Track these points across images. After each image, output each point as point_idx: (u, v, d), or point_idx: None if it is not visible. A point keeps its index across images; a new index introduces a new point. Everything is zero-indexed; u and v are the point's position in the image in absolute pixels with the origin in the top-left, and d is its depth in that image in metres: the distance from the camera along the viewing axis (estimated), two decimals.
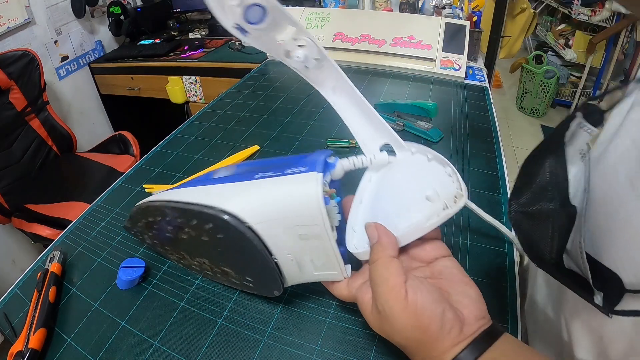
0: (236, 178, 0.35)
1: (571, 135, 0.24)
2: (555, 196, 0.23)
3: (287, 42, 0.34)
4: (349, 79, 0.36)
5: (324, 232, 0.30)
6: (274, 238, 0.32)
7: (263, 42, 0.34)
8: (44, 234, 1.21)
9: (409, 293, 0.26)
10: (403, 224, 0.32)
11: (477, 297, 0.28)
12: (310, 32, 1.05)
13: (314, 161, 0.33)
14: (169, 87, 1.69)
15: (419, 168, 0.35)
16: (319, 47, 0.35)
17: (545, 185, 0.24)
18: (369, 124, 0.38)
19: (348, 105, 0.38)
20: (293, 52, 0.34)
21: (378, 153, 0.38)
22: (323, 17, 1.01)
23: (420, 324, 0.26)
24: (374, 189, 0.38)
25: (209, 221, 0.33)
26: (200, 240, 0.35)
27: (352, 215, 0.36)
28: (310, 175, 0.31)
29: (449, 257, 0.32)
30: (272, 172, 0.33)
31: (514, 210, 0.27)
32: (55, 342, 0.37)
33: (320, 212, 0.30)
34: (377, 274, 0.28)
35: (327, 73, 0.37)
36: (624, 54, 2.42)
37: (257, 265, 0.33)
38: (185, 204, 0.35)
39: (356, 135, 0.38)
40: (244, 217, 0.32)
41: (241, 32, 0.32)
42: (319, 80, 0.37)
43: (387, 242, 0.30)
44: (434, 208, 0.32)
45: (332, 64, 0.36)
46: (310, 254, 0.32)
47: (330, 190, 0.33)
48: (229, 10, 0.31)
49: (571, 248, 0.24)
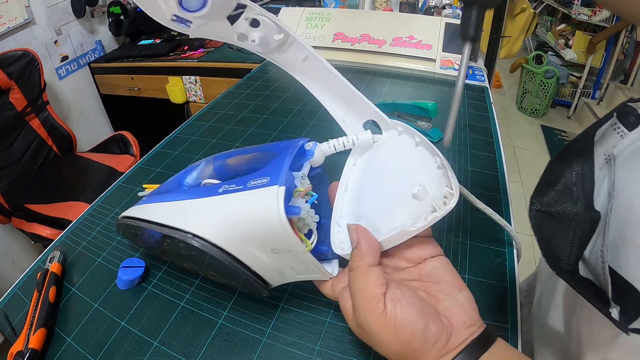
0: (202, 192, 0.33)
1: (601, 135, 0.22)
2: (580, 198, 0.22)
3: (239, 24, 0.30)
4: (319, 54, 0.33)
5: (295, 248, 0.28)
6: (247, 254, 0.30)
7: (210, 29, 0.31)
8: (44, 234, 1.21)
9: (388, 306, 0.25)
10: (387, 225, 0.30)
11: (467, 302, 0.26)
12: (309, 31, 1.03)
13: (278, 166, 0.30)
14: (169, 87, 1.69)
15: (406, 153, 0.32)
16: (279, 24, 0.31)
17: (571, 186, 0.22)
18: (348, 100, 0.34)
19: (321, 81, 0.34)
20: (248, 34, 0.31)
21: (361, 132, 0.34)
22: (323, 17, 1.01)
23: (400, 339, 0.24)
24: (359, 175, 0.35)
25: (179, 242, 0.32)
26: (180, 252, 0.34)
27: (337, 205, 0.34)
28: (271, 192, 0.28)
29: (439, 258, 0.30)
30: (236, 183, 0.31)
31: (535, 209, 0.25)
32: (55, 342, 0.37)
33: (286, 233, 0.27)
34: (355, 284, 0.27)
35: (293, 51, 0.33)
36: (624, 54, 2.42)
37: (236, 275, 0.32)
38: (156, 225, 0.33)
39: (335, 115, 0.35)
40: (211, 239, 0.30)
41: (182, 24, 0.30)
42: (288, 61, 0.34)
43: (366, 248, 0.28)
44: (421, 208, 0.29)
45: (297, 40, 0.32)
46: (288, 263, 0.30)
47: (304, 190, 0.31)
48: (161, 3, 0.28)
49: (590, 256, 0.23)
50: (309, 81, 0.35)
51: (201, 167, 0.42)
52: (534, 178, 0.25)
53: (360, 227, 0.29)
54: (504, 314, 0.37)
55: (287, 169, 0.30)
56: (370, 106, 0.33)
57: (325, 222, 0.35)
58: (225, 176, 0.42)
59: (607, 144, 0.22)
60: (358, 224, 0.30)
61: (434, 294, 0.27)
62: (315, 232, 0.32)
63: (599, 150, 0.23)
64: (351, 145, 0.34)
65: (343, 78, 0.33)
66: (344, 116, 0.35)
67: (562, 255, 0.23)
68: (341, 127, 0.36)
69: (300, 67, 0.35)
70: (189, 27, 0.30)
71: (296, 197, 0.31)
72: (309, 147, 0.33)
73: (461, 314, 0.25)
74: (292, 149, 0.32)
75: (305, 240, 0.31)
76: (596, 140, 0.22)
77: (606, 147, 0.23)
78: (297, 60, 0.34)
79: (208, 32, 0.31)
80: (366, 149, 0.35)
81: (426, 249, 0.30)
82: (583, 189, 0.22)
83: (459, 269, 0.41)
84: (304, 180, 0.32)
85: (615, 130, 0.22)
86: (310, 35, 1.00)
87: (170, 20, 0.29)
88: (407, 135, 0.33)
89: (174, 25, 0.30)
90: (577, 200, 0.22)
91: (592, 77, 2.59)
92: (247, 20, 0.31)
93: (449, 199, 0.27)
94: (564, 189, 0.23)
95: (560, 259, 0.23)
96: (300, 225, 0.31)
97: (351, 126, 0.35)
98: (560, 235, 0.23)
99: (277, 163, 0.30)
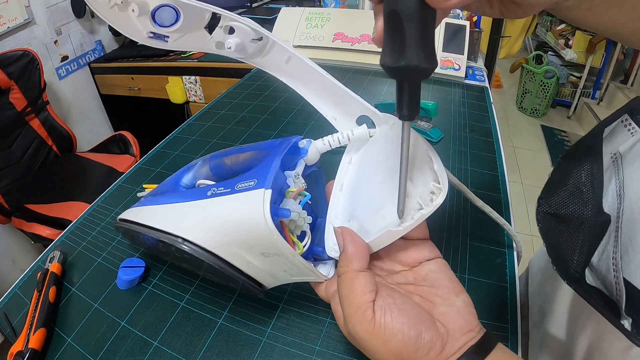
0: (193, 195, 0.33)
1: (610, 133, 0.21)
2: (590, 200, 0.21)
3: (216, 33, 0.30)
4: (301, 54, 0.32)
5: (285, 251, 0.27)
6: (238, 257, 0.30)
7: (188, 41, 0.31)
8: (44, 234, 1.21)
9: (377, 315, 0.23)
10: (377, 225, 0.29)
11: (465, 307, 0.25)
12: (309, 31, 1.03)
13: (266, 167, 0.29)
14: (169, 87, 1.69)
15: (395, 148, 0.31)
16: (256, 28, 0.30)
17: (581, 186, 0.21)
18: (337, 98, 0.33)
19: (307, 81, 0.34)
20: (224, 42, 0.31)
21: (356, 127, 0.34)
22: (323, 17, 1.01)
23: (390, 348, 0.23)
24: (354, 173, 0.34)
25: (171, 246, 0.31)
26: (176, 254, 0.34)
27: (331, 205, 0.33)
28: (256, 195, 0.27)
29: (436, 260, 0.28)
30: (224, 186, 0.30)
31: (542, 212, 0.23)
32: (55, 342, 0.37)
33: (273, 238, 0.26)
34: (342, 291, 0.26)
35: (275, 53, 0.33)
36: (624, 54, 2.42)
37: (230, 278, 0.31)
38: (149, 229, 0.33)
39: (325, 114, 0.35)
40: (200, 243, 0.30)
41: (160, 39, 0.30)
42: (271, 64, 0.34)
43: (352, 253, 0.27)
44: (409, 206, 0.28)
45: (277, 43, 0.32)
46: (280, 266, 0.30)
47: (297, 190, 0.30)
48: (137, 23, 0.28)
49: (599, 263, 0.22)
50: (295, 82, 0.35)
51: (197, 167, 0.42)
52: (534, 178, 0.24)
53: (347, 230, 0.28)
54: (504, 314, 0.37)
55: (276, 170, 0.29)
56: (360, 102, 0.33)
57: (322, 221, 0.34)
58: (222, 175, 0.42)
59: (615, 142, 0.21)
60: (344, 227, 0.29)
61: (429, 299, 0.26)
62: (309, 233, 0.31)
63: (607, 148, 0.22)
64: (347, 141, 0.33)
65: (329, 76, 0.32)
66: (334, 114, 0.35)
67: (570, 261, 0.22)
68: (333, 126, 0.36)
69: (285, 68, 0.34)
70: (167, 42, 0.30)
71: (288, 198, 0.30)
72: (302, 144, 0.33)
73: (458, 319, 0.24)
74: (282, 148, 0.31)
75: (297, 243, 0.30)
76: (604, 137, 0.21)
77: (614, 145, 0.22)
78: (281, 62, 0.34)
79: (187, 45, 0.31)
80: (362, 144, 0.35)
81: (422, 252, 0.29)
82: (593, 189, 0.21)
83: (458, 269, 0.41)
84: (298, 180, 0.31)
85: (625, 127, 0.21)
86: (310, 35, 1.00)
87: (148, 37, 0.30)
88: (398, 129, 0.32)
89: (152, 42, 0.30)
90: (587, 202, 0.21)
91: (592, 77, 2.59)
92: (222, 29, 0.31)
93: (437, 194, 0.26)
94: (573, 190, 0.22)
95: (568, 266, 0.22)
96: (292, 227, 0.31)
97: (343, 123, 0.34)
98: (568, 239, 0.22)
99: (266, 164, 0.30)
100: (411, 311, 0.24)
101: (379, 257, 0.30)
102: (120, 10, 0.29)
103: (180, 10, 0.29)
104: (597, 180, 0.21)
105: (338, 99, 0.34)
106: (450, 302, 0.25)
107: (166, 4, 0.28)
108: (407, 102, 0.23)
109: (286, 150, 0.31)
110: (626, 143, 0.23)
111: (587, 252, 0.21)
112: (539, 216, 0.24)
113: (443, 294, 0.26)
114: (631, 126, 0.21)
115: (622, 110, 0.21)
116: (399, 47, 0.21)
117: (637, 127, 0.20)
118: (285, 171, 0.32)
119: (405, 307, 0.24)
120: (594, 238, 0.21)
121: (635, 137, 0.23)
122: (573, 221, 0.22)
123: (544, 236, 0.24)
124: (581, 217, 0.21)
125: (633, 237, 0.21)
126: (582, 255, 0.21)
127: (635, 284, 0.21)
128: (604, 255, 0.21)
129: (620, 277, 0.21)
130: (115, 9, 0.29)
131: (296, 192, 0.30)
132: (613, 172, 0.22)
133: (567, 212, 0.22)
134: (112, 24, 0.30)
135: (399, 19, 0.20)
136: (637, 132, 0.20)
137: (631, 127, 0.21)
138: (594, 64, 2.50)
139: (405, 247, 0.29)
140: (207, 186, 0.32)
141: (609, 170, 0.22)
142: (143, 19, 0.28)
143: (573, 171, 0.22)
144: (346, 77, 0.88)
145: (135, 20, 0.29)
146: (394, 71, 0.22)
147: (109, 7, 0.29)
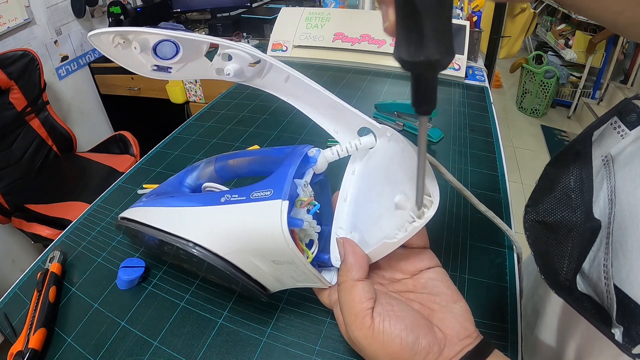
0: (204, 200, 0.33)
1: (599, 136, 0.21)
2: (579, 205, 0.20)
3: (215, 61, 0.32)
4: (299, 73, 0.33)
5: (296, 260, 0.28)
6: (248, 263, 0.30)
7: (190, 70, 0.32)
8: (44, 234, 1.22)
9: (376, 321, 0.24)
10: (375, 236, 0.30)
11: (462, 313, 0.26)
12: (309, 31, 1.04)
13: (282, 177, 0.29)
14: (169, 87, 1.69)
15: (394, 159, 0.32)
16: (251, 52, 0.32)
17: (569, 192, 0.21)
18: (337, 112, 0.34)
19: (306, 98, 0.35)
20: (223, 68, 0.33)
21: (362, 137, 0.34)
22: (323, 17, 1.01)
23: (388, 353, 0.24)
24: (356, 184, 0.35)
25: (180, 250, 0.32)
26: (180, 256, 0.34)
27: (337, 215, 0.34)
28: (274, 206, 0.27)
29: (435, 269, 0.29)
30: (238, 194, 0.31)
31: (530, 220, 0.24)
32: (55, 342, 0.37)
33: (288, 248, 0.27)
34: (342, 299, 0.27)
35: (273, 74, 0.34)
36: (624, 54, 2.42)
37: (236, 282, 0.32)
38: (156, 231, 0.34)
39: (327, 128, 0.36)
40: (212, 248, 0.30)
41: (163, 72, 0.32)
42: (270, 84, 0.35)
43: (352, 263, 0.28)
44: (403, 218, 0.28)
45: (273, 63, 0.33)
46: (288, 273, 0.31)
47: (307, 200, 0.31)
48: (140, 58, 0.31)
49: (590, 270, 0.21)
50: (295, 100, 0.36)
51: (201, 168, 0.42)
52: (534, 178, 0.24)
53: (348, 240, 0.29)
54: (504, 314, 0.37)
55: (291, 181, 0.29)
56: (359, 115, 0.33)
57: (327, 229, 0.35)
58: (226, 177, 0.42)
59: (605, 145, 0.21)
60: (345, 238, 0.30)
61: (429, 306, 0.27)
62: (317, 242, 0.32)
63: (596, 152, 0.21)
64: (354, 150, 0.34)
65: (327, 91, 0.33)
66: (335, 127, 0.36)
67: (560, 269, 0.22)
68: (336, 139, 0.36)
69: (284, 87, 0.35)
70: (170, 72, 0.32)
71: (298, 208, 0.31)
72: (312, 153, 0.33)
73: (456, 325, 0.25)
74: (296, 158, 0.31)
75: (306, 251, 0.31)
76: (594, 141, 0.21)
77: (605, 149, 0.21)
78: (279, 81, 0.35)
79: (189, 73, 0.33)
80: (364, 155, 0.35)
81: (422, 261, 0.29)
82: (582, 195, 0.20)
83: (458, 269, 0.41)
84: (307, 188, 0.32)
85: (615, 129, 0.21)
86: (310, 35, 1.00)
87: (152, 70, 0.32)
88: (395, 141, 0.32)
89: (156, 74, 0.32)
90: (576, 208, 0.20)
91: (592, 77, 2.59)
92: (220, 57, 0.33)
93: (428, 207, 0.26)
94: (561, 196, 0.21)
95: (557, 274, 0.22)
96: (301, 236, 0.31)
97: (345, 136, 0.35)
98: (557, 247, 0.22)
99: (281, 173, 0.30)
100: (409, 317, 0.25)
101: (381, 266, 0.31)
102: (123, 48, 0.31)
103: (179, 43, 0.31)
104: (586, 185, 0.20)
105: (338, 113, 0.35)
106: (449, 309, 0.26)
107: (165, 39, 0.30)
108: (425, 95, 0.22)
109: (300, 160, 0.32)
110: (617, 146, 0.22)
111: (577, 260, 0.21)
112: (527, 224, 0.24)
113: (442, 301, 0.27)
114: (620, 128, 0.20)
115: (611, 113, 0.20)
116: (416, 39, 0.19)
117: (627, 130, 0.20)
118: (294, 179, 0.32)
119: (403, 314, 0.25)
120: (584, 245, 0.20)
121: (626, 140, 0.22)
122: (562, 228, 0.21)
123: (531, 244, 0.25)
124: (570, 224, 0.21)
125: (624, 242, 0.21)
126: (572, 262, 0.21)
127: (626, 291, 0.20)
128: (595, 262, 0.21)
129: (611, 284, 0.20)
130: (119, 47, 0.31)
131: (307, 202, 0.31)
132: (604, 176, 0.22)
133: (555, 220, 0.22)
134: (118, 62, 0.33)
135: (415, 7, 0.18)
136: (628, 135, 0.20)
137: (621, 130, 0.20)
138: (594, 64, 2.50)
139: (406, 256, 0.30)
140: (220, 192, 0.33)
141: (600, 175, 0.22)
142: (146, 55, 0.31)
143: (561, 177, 0.21)
144: (346, 77, 0.88)
145: (138, 56, 0.31)
146: (412, 65, 0.20)
147: (113, 46, 0.31)
